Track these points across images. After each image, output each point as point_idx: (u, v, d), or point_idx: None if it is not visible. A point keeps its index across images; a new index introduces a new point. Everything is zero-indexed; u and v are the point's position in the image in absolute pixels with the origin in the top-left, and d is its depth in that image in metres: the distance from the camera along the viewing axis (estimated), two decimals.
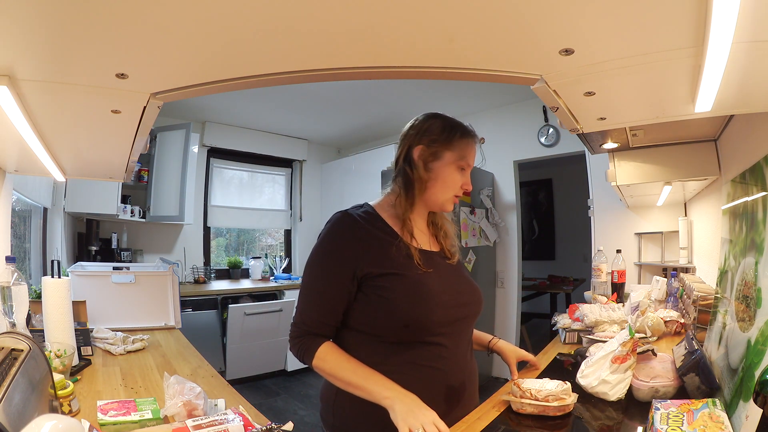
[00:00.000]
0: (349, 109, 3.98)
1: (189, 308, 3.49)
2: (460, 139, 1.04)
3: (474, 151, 1.07)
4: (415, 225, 1.05)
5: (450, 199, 1.05)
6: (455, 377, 0.99)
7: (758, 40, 0.68)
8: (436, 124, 1.05)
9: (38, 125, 1.05)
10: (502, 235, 3.84)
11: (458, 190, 1.05)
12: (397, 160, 1.07)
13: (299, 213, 4.93)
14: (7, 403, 0.66)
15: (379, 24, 0.72)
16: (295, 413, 3.18)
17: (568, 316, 1.74)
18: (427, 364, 0.95)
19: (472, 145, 1.06)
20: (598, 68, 0.83)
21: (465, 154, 1.04)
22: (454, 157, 1.03)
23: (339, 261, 0.95)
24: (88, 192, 3.07)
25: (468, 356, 1.05)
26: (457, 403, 0.99)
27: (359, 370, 0.92)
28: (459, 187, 1.05)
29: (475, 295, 1.08)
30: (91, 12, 0.65)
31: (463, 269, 1.13)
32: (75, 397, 1.05)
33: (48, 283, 1.45)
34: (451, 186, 1.04)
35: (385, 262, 0.95)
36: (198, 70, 0.88)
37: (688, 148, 1.71)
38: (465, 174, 1.06)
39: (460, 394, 1.00)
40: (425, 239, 1.08)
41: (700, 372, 0.97)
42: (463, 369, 1.02)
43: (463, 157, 1.04)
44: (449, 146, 1.03)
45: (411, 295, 0.94)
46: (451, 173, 1.03)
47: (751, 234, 1.01)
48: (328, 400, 1.02)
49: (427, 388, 0.93)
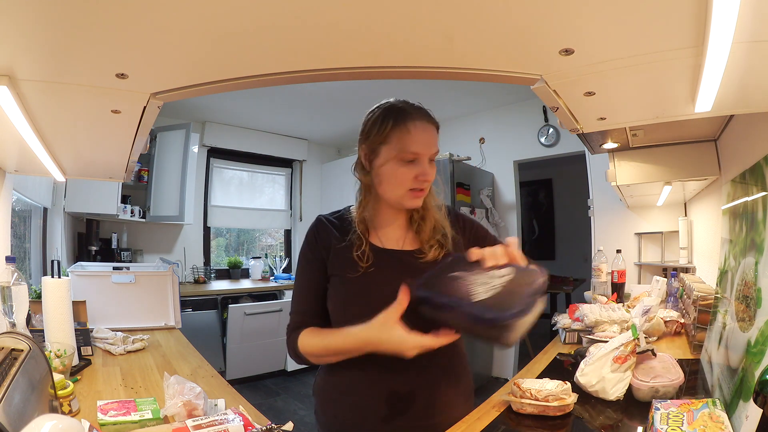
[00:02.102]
0: (349, 109, 3.97)
1: (189, 308, 3.49)
2: (393, 128, 0.91)
3: (420, 135, 0.91)
4: (384, 224, 1.01)
5: (405, 195, 0.94)
6: (404, 385, 0.93)
7: (758, 40, 0.68)
8: (371, 117, 0.96)
9: (38, 125, 1.05)
10: (502, 235, 3.84)
11: (411, 184, 0.92)
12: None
13: (299, 213, 4.93)
14: (7, 403, 0.66)
15: (378, 24, 0.72)
16: (295, 413, 3.18)
17: (568, 316, 1.74)
18: (377, 363, 0.90)
19: (412, 130, 0.91)
20: (598, 68, 0.83)
21: (404, 144, 0.90)
22: (391, 150, 0.92)
23: (308, 263, 1.00)
24: (88, 192, 3.07)
25: (432, 368, 0.95)
26: (404, 411, 0.93)
27: (330, 336, 0.92)
28: (410, 180, 0.92)
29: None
30: (91, 12, 0.65)
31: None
32: (75, 397, 1.05)
33: (48, 283, 1.45)
34: (399, 182, 0.93)
35: (336, 263, 0.97)
36: (198, 70, 0.88)
37: (688, 148, 1.71)
38: (416, 164, 0.92)
39: (408, 403, 0.93)
40: (396, 237, 1.01)
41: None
42: (419, 379, 0.93)
43: (401, 149, 0.90)
44: (383, 140, 0.92)
45: (344, 296, 0.95)
46: (393, 169, 0.92)
47: (751, 234, 1.01)
48: (316, 394, 1.05)
49: (368, 386, 0.94)
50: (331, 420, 1.01)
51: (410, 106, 0.96)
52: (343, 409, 0.98)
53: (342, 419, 0.98)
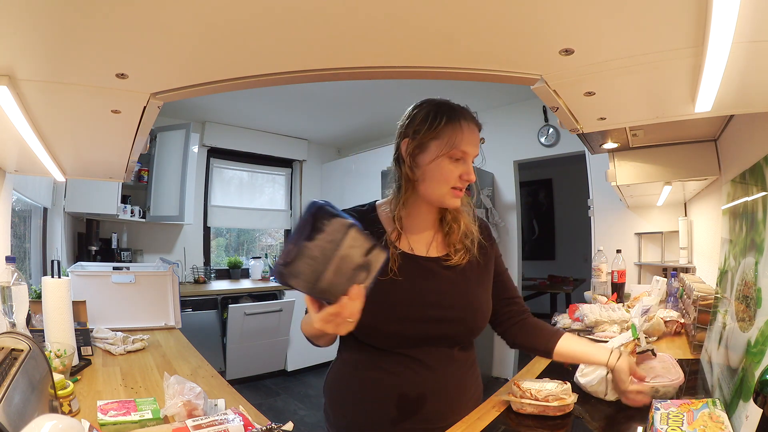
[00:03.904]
0: (349, 109, 3.98)
1: (189, 308, 3.49)
2: (447, 125, 0.91)
3: (470, 134, 0.93)
4: (413, 225, 0.99)
5: (447, 193, 0.93)
6: (414, 389, 0.93)
7: (758, 40, 0.68)
8: (420, 112, 0.95)
9: (38, 125, 1.05)
10: (502, 235, 3.84)
11: (456, 182, 0.92)
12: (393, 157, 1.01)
13: (299, 213, 4.93)
14: (7, 403, 0.66)
15: (379, 23, 0.72)
16: (295, 413, 3.18)
17: (568, 316, 1.74)
18: (385, 368, 0.93)
19: (465, 129, 0.92)
20: (598, 68, 0.82)
21: (455, 141, 0.91)
22: (442, 146, 0.91)
23: None
24: (88, 192, 3.07)
25: (444, 375, 0.95)
26: (413, 415, 0.93)
27: (309, 319, 0.88)
28: (456, 178, 0.92)
29: (462, 313, 0.96)
30: (91, 12, 0.65)
31: (468, 279, 0.99)
32: (75, 397, 1.05)
33: (48, 283, 1.45)
34: (444, 179, 0.92)
35: None
36: (198, 70, 0.88)
37: (688, 148, 1.71)
38: (462, 163, 0.93)
39: (417, 407, 0.93)
40: (424, 241, 1.00)
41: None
42: (430, 385, 0.93)
43: (453, 146, 0.91)
44: (434, 135, 0.92)
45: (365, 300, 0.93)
46: (441, 165, 0.91)
47: (751, 234, 1.01)
48: (326, 392, 1.04)
49: (377, 389, 0.94)
50: (340, 419, 1.00)
51: (459, 106, 0.97)
52: (352, 408, 0.98)
53: (351, 419, 0.98)
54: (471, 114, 0.97)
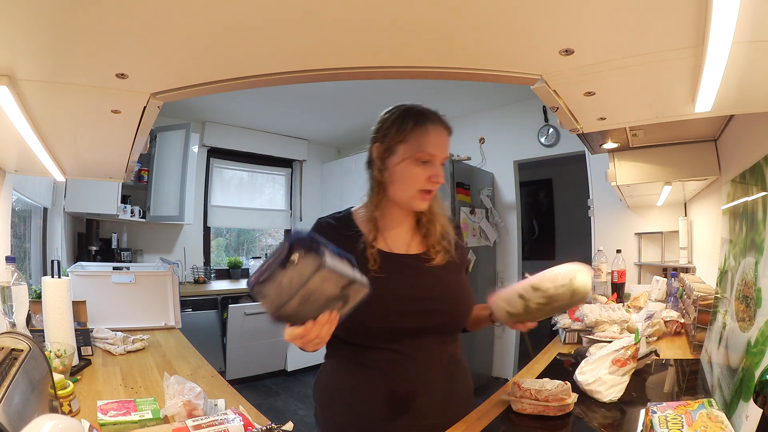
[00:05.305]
0: (349, 109, 3.97)
1: (189, 308, 3.49)
2: (414, 128, 0.94)
3: (437, 137, 0.95)
4: (389, 226, 1.00)
5: (415, 196, 0.95)
6: (403, 385, 0.93)
7: (758, 40, 0.68)
8: (390, 117, 0.97)
9: (38, 125, 1.05)
10: (502, 235, 3.84)
11: (423, 185, 0.94)
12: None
13: (299, 213, 4.93)
14: (7, 403, 0.66)
15: (379, 24, 0.72)
16: (295, 413, 3.18)
17: (568, 316, 1.74)
18: (373, 365, 0.93)
19: (431, 132, 0.95)
20: (598, 68, 0.83)
21: (422, 144, 0.93)
22: (409, 150, 0.94)
23: None
24: (88, 192, 3.07)
25: (433, 368, 0.95)
26: (404, 411, 0.93)
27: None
28: (423, 181, 0.94)
29: (448, 304, 0.98)
30: (91, 12, 0.65)
31: (449, 274, 1.02)
32: (75, 397, 1.05)
33: (48, 283, 1.45)
34: (412, 181, 0.94)
35: None
36: (198, 70, 0.88)
37: (688, 148, 1.71)
38: (430, 166, 0.95)
39: (408, 403, 0.93)
40: (402, 240, 1.01)
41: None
42: (419, 379, 0.93)
43: (419, 149, 0.93)
44: (401, 138, 0.94)
45: None
46: (407, 168, 0.94)
47: (751, 234, 1.01)
48: (316, 397, 1.05)
49: (366, 388, 0.94)
50: (331, 421, 1.00)
51: (427, 110, 0.99)
52: (342, 409, 0.98)
53: (342, 420, 0.98)
54: (440, 117, 0.99)
